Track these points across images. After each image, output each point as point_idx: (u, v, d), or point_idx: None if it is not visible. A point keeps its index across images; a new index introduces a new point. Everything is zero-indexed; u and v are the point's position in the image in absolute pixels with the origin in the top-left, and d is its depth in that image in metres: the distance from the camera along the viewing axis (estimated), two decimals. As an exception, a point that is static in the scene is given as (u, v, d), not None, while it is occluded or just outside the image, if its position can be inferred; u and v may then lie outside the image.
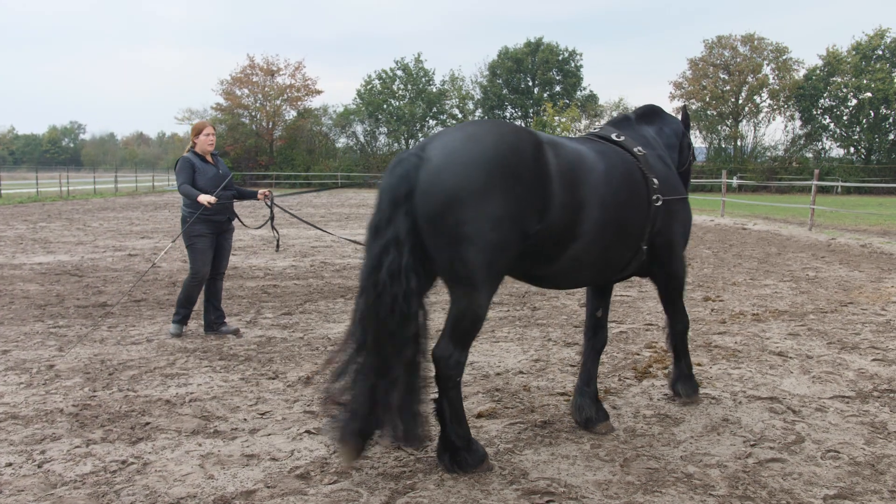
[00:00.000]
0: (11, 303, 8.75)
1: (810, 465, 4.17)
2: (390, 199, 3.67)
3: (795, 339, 7.21)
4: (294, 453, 4.30)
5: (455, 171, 3.62)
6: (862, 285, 10.53)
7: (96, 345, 6.77)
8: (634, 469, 4.09)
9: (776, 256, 14.09)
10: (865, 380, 5.85)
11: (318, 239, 16.61)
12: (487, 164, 3.65)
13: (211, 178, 7.04)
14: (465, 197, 3.58)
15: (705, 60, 59.66)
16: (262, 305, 8.76)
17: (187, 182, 6.91)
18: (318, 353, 6.59)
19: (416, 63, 64.00)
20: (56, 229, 18.72)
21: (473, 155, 3.67)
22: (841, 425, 4.83)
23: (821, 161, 57.40)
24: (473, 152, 3.68)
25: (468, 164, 3.64)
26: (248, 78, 60.93)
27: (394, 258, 3.61)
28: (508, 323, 7.92)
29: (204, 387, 5.55)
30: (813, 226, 19.81)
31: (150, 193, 44.99)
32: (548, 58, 62.65)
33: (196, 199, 6.79)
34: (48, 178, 57.89)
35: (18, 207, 28.30)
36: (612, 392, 5.50)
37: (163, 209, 28.07)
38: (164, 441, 4.46)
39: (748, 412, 5.07)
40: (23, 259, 12.81)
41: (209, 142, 7.13)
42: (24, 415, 4.88)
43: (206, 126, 7.18)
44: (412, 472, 4.03)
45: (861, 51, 55.76)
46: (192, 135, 7.16)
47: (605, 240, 4.21)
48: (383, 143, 64.53)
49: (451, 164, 3.64)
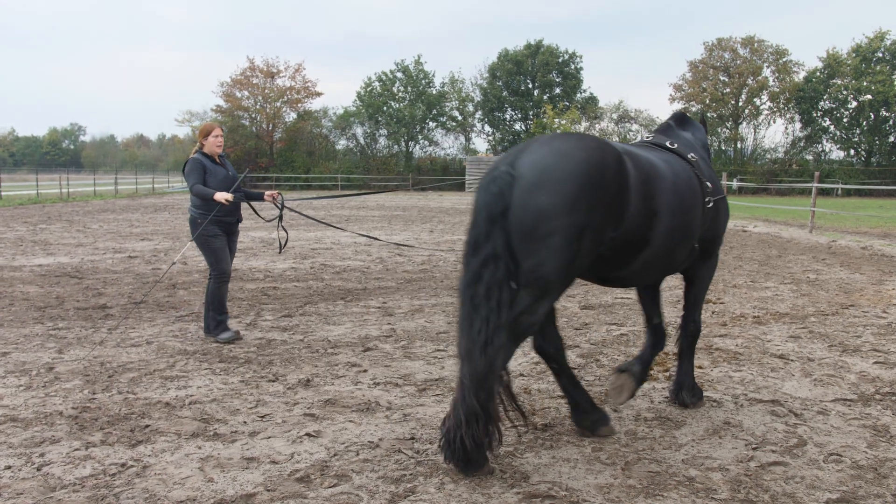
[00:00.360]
0: (11, 304, 8.74)
1: (813, 469, 4.15)
2: (487, 216, 3.87)
3: (797, 342, 7.19)
4: (294, 456, 4.28)
5: (548, 189, 3.84)
6: (863, 288, 10.52)
7: (96, 347, 6.76)
8: (636, 472, 4.08)
9: (777, 259, 14.07)
10: (867, 383, 5.84)
11: (318, 241, 16.60)
12: (577, 181, 3.86)
13: (222, 179, 7.00)
14: (557, 211, 3.81)
15: (705, 63, 59.68)
16: (261, 307, 8.75)
17: (199, 183, 6.86)
18: (317, 355, 6.58)
19: (416, 65, 64.03)
20: (56, 231, 18.70)
21: (564, 172, 3.87)
22: (843, 428, 4.81)
23: (821, 163, 57.41)
24: (564, 169, 3.88)
25: (560, 181, 3.84)
26: (248, 80, 60.92)
27: (492, 272, 3.83)
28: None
29: (203, 389, 5.53)
30: (813, 228, 19.80)
31: (150, 195, 45.00)
32: (548, 60, 62.66)
33: (212, 197, 6.73)
34: (48, 179, 57.88)
35: (18, 209, 28.29)
36: (613, 395, 5.48)
37: (163, 211, 28.07)
38: (164, 444, 4.45)
39: (750, 415, 5.06)
40: (23, 261, 12.80)
41: (218, 143, 7.08)
42: (23, 417, 4.87)
43: (215, 128, 7.13)
44: (412, 475, 4.01)
45: (861, 53, 55.78)
46: (200, 136, 7.10)
47: (672, 243, 4.48)
48: (383, 145, 64.55)
49: (544, 181, 3.85)
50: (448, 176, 59.44)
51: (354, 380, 5.81)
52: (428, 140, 65.07)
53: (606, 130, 62.26)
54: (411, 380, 5.83)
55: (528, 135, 61.08)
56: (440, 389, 5.58)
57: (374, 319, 8.15)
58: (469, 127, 65.71)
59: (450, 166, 61.80)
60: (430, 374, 5.98)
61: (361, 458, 4.25)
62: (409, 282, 10.88)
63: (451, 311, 8.60)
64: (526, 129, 63.01)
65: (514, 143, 63.83)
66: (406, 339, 7.23)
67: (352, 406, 5.17)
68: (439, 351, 6.75)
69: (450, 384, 5.69)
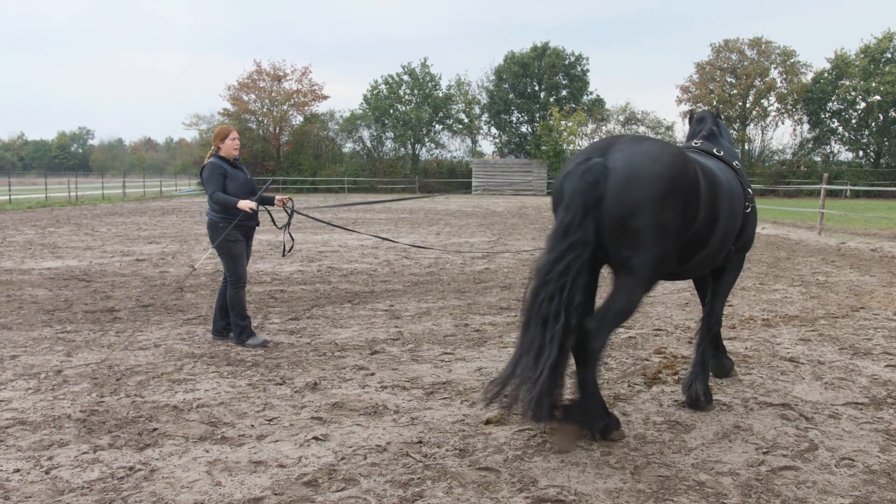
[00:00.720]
0: (20, 308, 8.76)
1: (824, 474, 4.12)
2: (582, 203, 4.18)
3: (807, 345, 7.14)
4: (301, 460, 4.27)
5: (640, 185, 4.17)
6: (873, 290, 10.45)
7: (104, 350, 6.76)
8: (645, 477, 4.05)
9: (785, 261, 14.01)
10: (879, 386, 5.79)
11: (325, 244, 16.61)
12: (665, 182, 4.22)
13: (242, 183, 6.96)
14: (648, 207, 4.16)
15: (712, 64, 59.58)
16: (269, 310, 8.75)
17: (219, 189, 6.78)
18: (325, 358, 6.57)
19: (423, 68, 64.08)
20: (64, 234, 18.77)
21: (655, 172, 4.22)
22: (855, 432, 4.77)
23: (829, 165, 57.18)
24: (654, 169, 4.22)
25: (652, 179, 4.19)
26: (255, 83, 61.09)
27: (577, 255, 4.14)
28: (516, 328, 7.87)
29: (211, 392, 5.53)
30: (822, 230, 19.70)
31: (158, 199, 45.12)
32: (554, 62, 62.60)
33: (235, 206, 6.71)
34: (57, 183, 58.06)
35: (28, 213, 28.41)
36: (622, 398, 5.46)
37: (170, 214, 28.14)
38: (172, 447, 4.44)
39: (760, 419, 5.02)
40: (31, 264, 12.84)
41: (235, 146, 7.03)
42: (31, 420, 4.87)
43: (232, 130, 7.06)
44: (420, 479, 3.99)
45: (869, 54, 55.56)
46: (217, 139, 7.01)
47: (722, 245, 4.93)
48: (389, 148, 64.58)
49: (637, 177, 4.19)
50: (454, 178, 59.48)
51: (362, 383, 5.80)
52: (434, 143, 65.10)
53: (613, 132, 62.19)
54: (419, 383, 5.81)
55: (534, 137, 61.06)
56: (447, 393, 5.56)
57: (381, 322, 8.14)
58: (475, 129, 65.70)
59: (456, 169, 61.80)
60: (438, 378, 5.96)
61: (369, 461, 4.24)
62: (416, 284, 10.87)
63: (459, 314, 8.58)
64: (532, 131, 62.98)
65: (521, 145, 63.88)
66: (413, 342, 7.21)
67: (359, 409, 5.16)
68: (446, 354, 6.73)
69: (458, 387, 5.68)
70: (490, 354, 6.72)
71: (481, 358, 6.60)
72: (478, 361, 6.48)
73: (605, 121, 62.51)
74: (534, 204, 40.22)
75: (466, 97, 64.73)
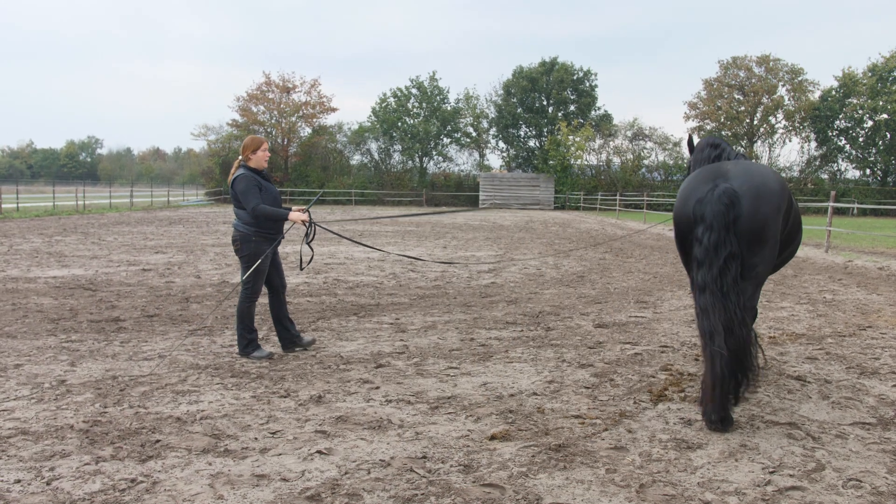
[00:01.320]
0: (25, 316, 8.78)
1: (831, 494, 4.07)
2: (723, 223, 5.05)
3: (813, 363, 7.09)
4: (305, 474, 4.24)
5: (766, 203, 5.16)
6: (880, 308, 10.39)
7: (108, 360, 6.76)
8: (650, 495, 4.01)
9: (792, 278, 13.94)
10: (886, 406, 5.73)
11: (332, 256, 16.62)
12: (779, 198, 5.24)
13: (274, 196, 6.92)
14: (772, 219, 5.17)
15: (720, 81, 59.66)
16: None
17: (259, 202, 6.68)
18: (329, 371, 6.55)
19: (431, 81, 64.40)
20: (71, 243, 18.84)
21: (773, 192, 5.21)
22: (862, 453, 4.72)
23: (836, 182, 57.04)
24: (772, 189, 5.22)
25: (771, 198, 5.19)
26: (264, 95, 61.49)
27: (736, 267, 5.03)
28: (522, 343, 7.85)
29: (215, 404, 5.51)
30: (829, 248, 19.62)
31: (166, 208, 45.30)
32: (562, 77, 62.83)
33: (287, 217, 6.67)
34: (65, 192, 58.44)
35: (35, 221, 28.55)
36: (628, 415, 5.41)
37: (177, 224, 28.22)
38: (174, 459, 4.42)
39: (766, 438, 4.98)
40: (37, 272, 12.88)
41: (266, 157, 6.93)
42: (34, 430, 4.86)
43: (264, 142, 6.94)
44: (424, 494, 3.96)
45: (877, 72, 55.56)
46: (248, 150, 6.86)
47: (786, 248, 5.90)
48: (397, 161, 64.81)
49: (762, 197, 5.16)
50: (462, 192, 59.54)
51: (366, 396, 5.78)
52: (442, 156, 65.31)
53: (621, 148, 62.26)
54: (424, 397, 5.78)
55: (542, 152, 61.16)
56: (452, 407, 5.53)
57: (386, 335, 8.12)
58: (483, 143, 65.89)
59: (463, 182, 61.93)
60: (443, 392, 5.93)
61: (373, 476, 4.21)
62: (422, 298, 10.85)
63: (464, 328, 8.55)
64: (540, 145, 63.10)
65: (528, 159, 64.00)
66: (419, 355, 7.19)
67: (363, 423, 5.13)
68: (452, 368, 6.70)
69: (463, 402, 5.65)
70: (496, 369, 6.69)
71: (487, 373, 6.57)
72: (483, 376, 6.45)
73: (612, 136, 62.59)
74: (541, 218, 40.22)
75: (474, 111, 64.99)
